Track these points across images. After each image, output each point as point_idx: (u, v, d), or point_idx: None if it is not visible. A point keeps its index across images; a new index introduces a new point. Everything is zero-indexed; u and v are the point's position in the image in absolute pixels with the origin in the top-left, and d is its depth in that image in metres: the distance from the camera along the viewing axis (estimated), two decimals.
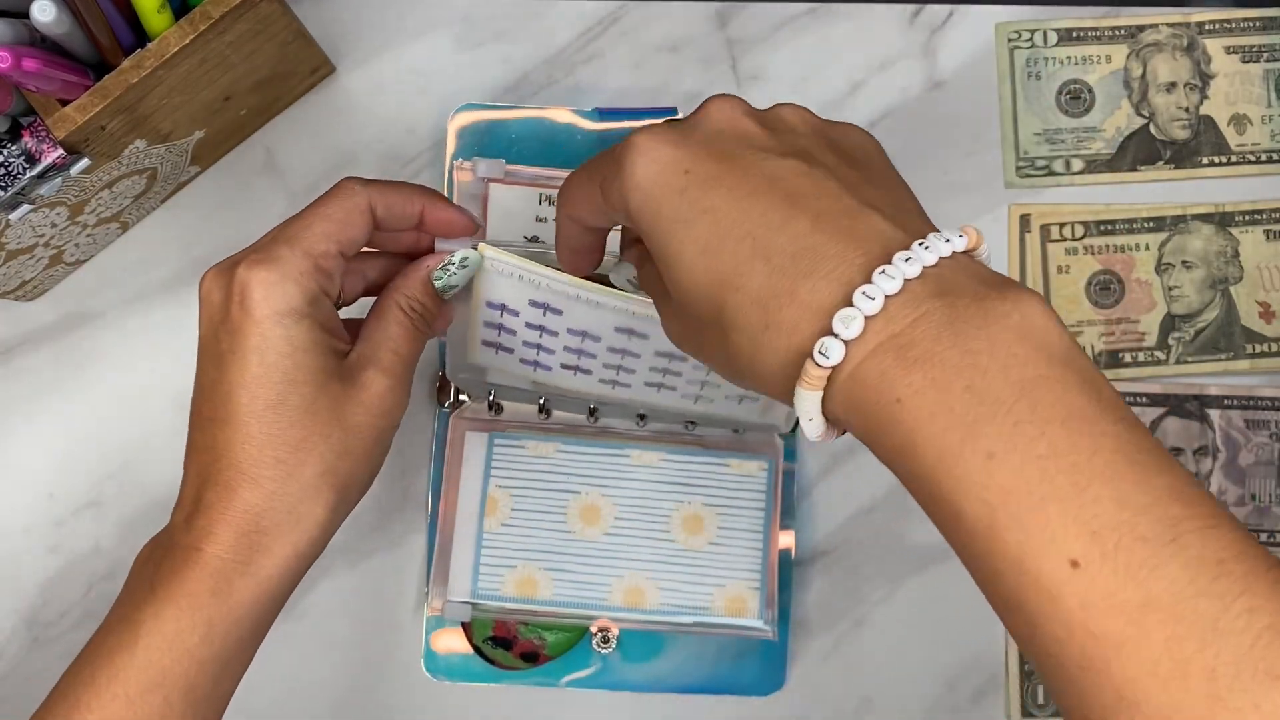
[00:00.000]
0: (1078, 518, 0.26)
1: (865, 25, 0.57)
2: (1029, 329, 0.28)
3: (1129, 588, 0.26)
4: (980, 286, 0.29)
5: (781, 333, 0.30)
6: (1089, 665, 0.26)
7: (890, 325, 0.29)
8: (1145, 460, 0.27)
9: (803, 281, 0.30)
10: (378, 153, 0.56)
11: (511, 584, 0.53)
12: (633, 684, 0.54)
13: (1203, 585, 0.26)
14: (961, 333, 0.28)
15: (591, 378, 0.51)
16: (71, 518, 0.55)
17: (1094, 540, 0.26)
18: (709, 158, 0.33)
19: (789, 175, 0.32)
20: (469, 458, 0.54)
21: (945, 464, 0.28)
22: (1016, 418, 0.27)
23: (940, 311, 0.29)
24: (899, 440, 0.29)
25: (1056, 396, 0.28)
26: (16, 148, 0.46)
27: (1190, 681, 0.25)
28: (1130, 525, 0.26)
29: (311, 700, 0.55)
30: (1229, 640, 0.25)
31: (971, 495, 0.27)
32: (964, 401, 0.28)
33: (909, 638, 0.55)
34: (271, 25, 0.49)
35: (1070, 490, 0.27)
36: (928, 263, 0.29)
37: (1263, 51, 0.57)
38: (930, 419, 0.28)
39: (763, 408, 0.52)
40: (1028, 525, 0.27)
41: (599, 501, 0.53)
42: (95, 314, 0.56)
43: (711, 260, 0.32)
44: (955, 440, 0.28)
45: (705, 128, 0.34)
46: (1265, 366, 0.56)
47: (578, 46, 0.57)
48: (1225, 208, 0.56)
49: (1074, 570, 0.26)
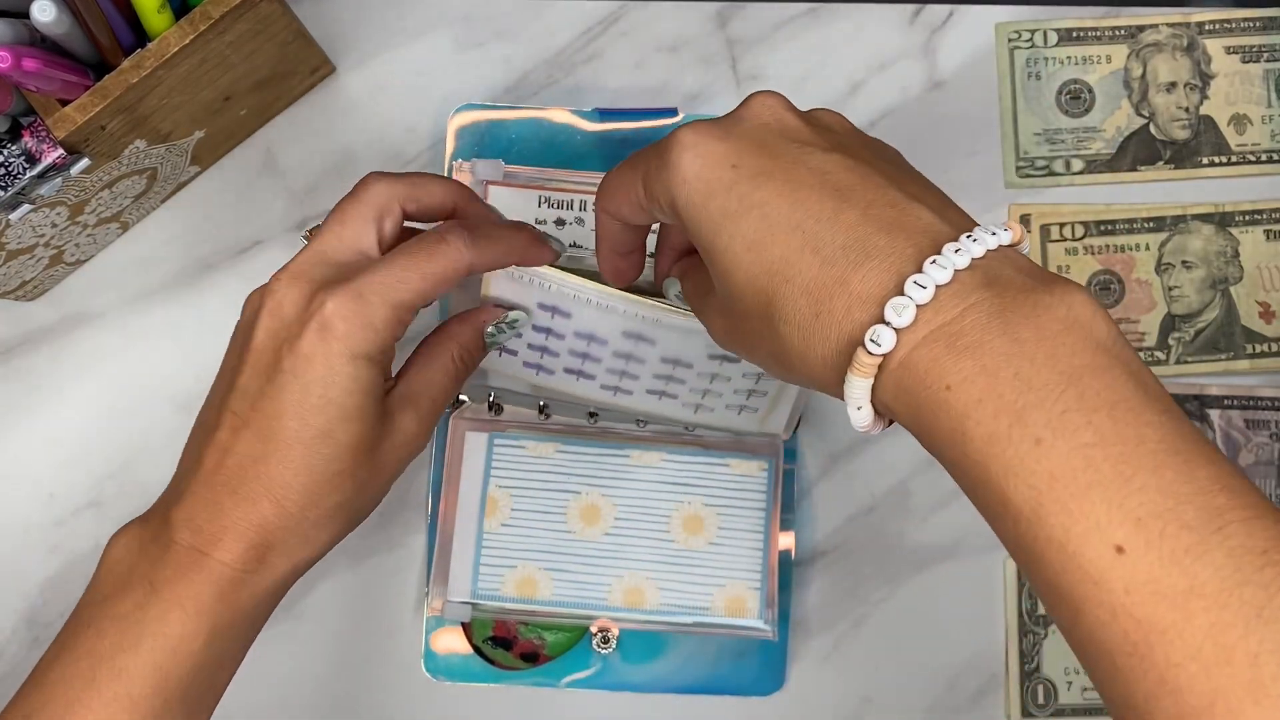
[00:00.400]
0: (1123, 505, 0.27)
1: (865, 25, 0.57)
2: (1075, 320, 0.29)
3: (1173, 574, 0.26)
4: (1026, 279, 0.30)
5: (833, 321, 0.31)
6: (1132, 650, 0.27)
7: (940, 314, 0.30)
8: (1190, 450, 0.28)
9: (854, 271, 0.31)
10: (377, 153, 0.56)
11: (511, 584, 0.53)
12: (633, 684, 0.54)
13: (1247, 574, 0.26)
14: (1010, 322, 0.29)
15: (594, 383, 0.51)
16: (71, 518, 0.55)
17: (1139, 527, 0.27)
18: (756, 152, 0.33)
19: (835, 169, 0.32)
20: (469, 458, 0.54)
21: (994, 449, 0.28)
22: (1064, 406, 0.28)
23: (989, 301, 0.29)
24: (948, 426, 0.29)
25: (1103, 385, 0.28)
26: (16, 148, 0.46)
27: (1233, 668, 0.25)
28: (1175, 513, 0.27)
29: (311, 700, 0.55)
30: (1272, 628, 0.25)
31: (1019, 480, 0.28)
32: (1013, 388, 0.28)
33: (909, 638, 0.55)
34: (271, 25, 0.49)
35: (1115, 478, 0.27)
36: (976, 255, 0.30)
37: (1263, 51, 0.57)
38: (979, 405, 0.29)
39: (761, 418, 0.52)
40: (1073, 511, 0.27)
41: (599, 502, 0.53)
42: (95, 314, 0.56)
43: (761, 253, 0.32)
44: (1004, 426, 0.28)
45: (750, 122, 0.34)
46: (1265, 366, 0.56)
47: (578, 46, 0.57)
48: (1225, 208, 0.56)
49: (1119, 556, 0.27)
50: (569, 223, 0.51)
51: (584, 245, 0.51)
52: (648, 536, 0.53)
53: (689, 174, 0.33)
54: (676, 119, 0.55)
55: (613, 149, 0.55)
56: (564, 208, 0.51)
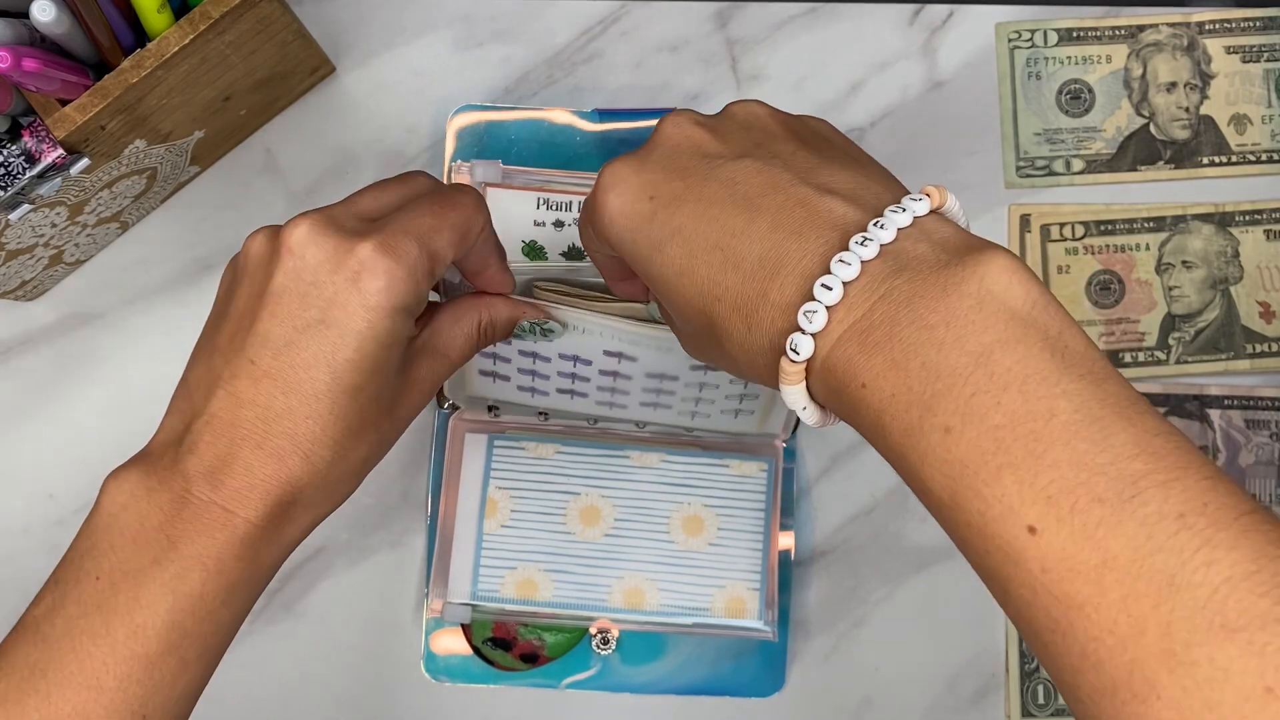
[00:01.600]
0: (1033, 484, 0.27)
1: (865, 25, 0.57)
2: (987, 293, 0.28)
3: (1086, 549, 0.26)
4: (941, 254, 0.30)
5: (762, 333, 0.31)
6: (1054, 627, 0.27)
7: (852, 312, 0.30)
8: (1107, 416, 0.27)
9: (770, 281, 0.31)
10: (377, 153, 0.56)
11: (511, 585, 0.53)
12: (632, 685, 0.54)
13: (1160, 541, 0.26)
14: (918, 309, 0.29)
15: (589, 400, 0.51)
16: (72, 518, 0.55)
17: (1050, 505, 0.26)
18: (669, 178, 0.33)
19: (743, 177, 0.33)
20: (469, 459, 0.54)
21: (909, 441, 0.28)
22: (974, 388, 0.28)
23: (900, 290, 0.29)
24: (869, 421, 0.29)
25: (1014, 360, 0.28)
26: (16, 148, 0.46)
27: (1146, 638, 0.25)
28: (1087, 486, 0.26)
29: (311, 700, 0.55)
30: (1184, 595, 0.25)
31: (934, 470, 0.28)
32: (920, 379, 0.28)
33: (909, 638, 0.55)
34: (271, 25, 0.49)
35: (1026, 457, 0.27)
36: (885, 240, 0.30)
37: (1263, 51, 0.57)
38: (891, 399, 0.29)
39: (759, 419, 0.52)
40: (986, 496, 0.27)
41: (599, 503, 0.53)
42: (95, 314, 0.56)
43: (690, 278, 0.33)
44: (915, 418, 0.28)
45: (663, 147, 0.35)
46: (1265, 366, 0.56)
47: (578, 46, 0.57)
48: (1225, 208, 0.56)
49: (1032, 536, 0.27)
50: (568, 224, 0.51)
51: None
52: (647, 537, 0.53)
53: (614, 213, 0.34)
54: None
55: (612, 149, 0.55)
56: (563, 209, 0.51)
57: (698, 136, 0.34)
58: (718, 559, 0.53)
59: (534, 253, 0.51)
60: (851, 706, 0.54)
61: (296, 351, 0.35)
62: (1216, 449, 0.55)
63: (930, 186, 0.31)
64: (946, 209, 0.31)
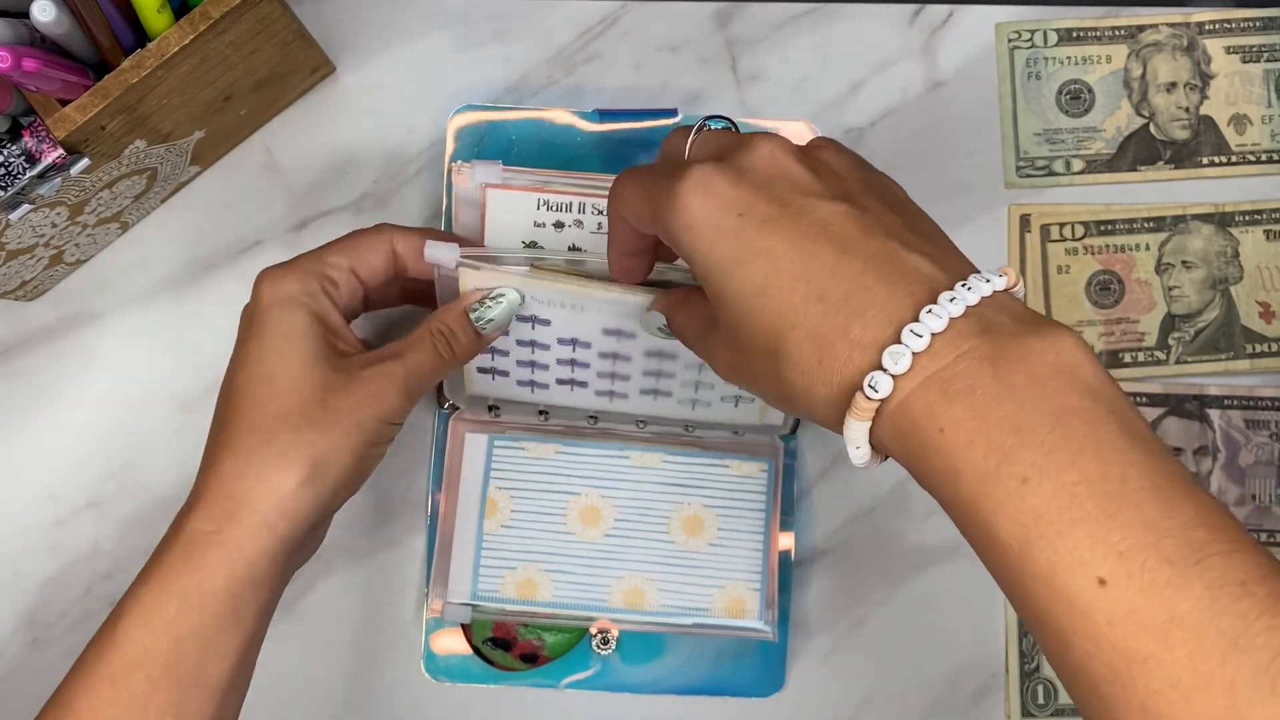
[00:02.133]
0: (1106, 539, 0.28)
1: (865, 25, 0.57)
2: (1063, 364, 0.30)
3: (1154, 606, 0.27)
4: (1018, 324, 0.32)
5: (835, 367, 0.32)
6: (1115, 680, 0.28)
7: (935, 361, 0.31)
8: (1172, 488, 0.29)
9: (855, 320, 0.32)
10: (378, 153, 0.56)
11: (511, 585, 0.53)
12: (632, 685, 0.54)
13: (1225, 605, 0.27)
14: (1000, 367, 0.30)
15: (588, 390, 0.51)
16: (72, 518, 0.55)
17: (1121, 561, 0.28)
18: (762, 201, 0.34)
19: (838, 220, 0.34)
20: (469, 459, 0.54)
21: (983, 487, 0.30)
22: (1050, 446, 0.29)
23: (982, 348, 0.31)
24: (941, 466, 0.31)
25: (1089, 427, 0.30)
26: (16, 148, 0.46)
27: (1211, 695, 0.27)
28: (1156, 548, 0.28)
29: (311, 700, 0.55)
30: (1249, 657, 0.27)
31: (1007, 517, 0.29)
32: (1001, 430, 0.30)
33: (909, 638, 0.55)
34: (271, 25, 0.49)
35: (1099, 514, 0.28)
36: (970, 302, 0.32)
37: (1263, 51, 0.57)
38: (969, 446, 0.30)
39: (761, 409, 0.52)
40: (1058, 546, 0.29)
41: (599, 503, 0.53)
42: (95, 314, 0.56)
43: (767, 300, 0.33)
44: (992, 465, 0.30)
45: (757, 169, 0.35)
46: (1265, 366, 0.56)
47: (578, 47, 0.57)
48: (1225, 208, 0.56)
49: (1102, 588, 0.28)
50: (568, 225, 0.51)
51: (583, 248, 0.51)
52: (647, 538, 0.53)
53: (696, 219, 0.35)
54: (676, 119, 0.55)
55: (612, 150, 0.55)
56: (563, 210, 0.51)
57: (795, 170, 0.35)
58: (718, 559, 0.53)
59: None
60: (851, 706, 0.54)
61: (229, 371, 0.43)
62: (1216, 449, 0.55)
63: (1008, 268, 0.33)
64: (1016, 291, 0.34)
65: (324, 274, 0.43)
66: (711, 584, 0.53)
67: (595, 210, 0.51)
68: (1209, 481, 0.55)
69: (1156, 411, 0.55)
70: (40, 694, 0.56)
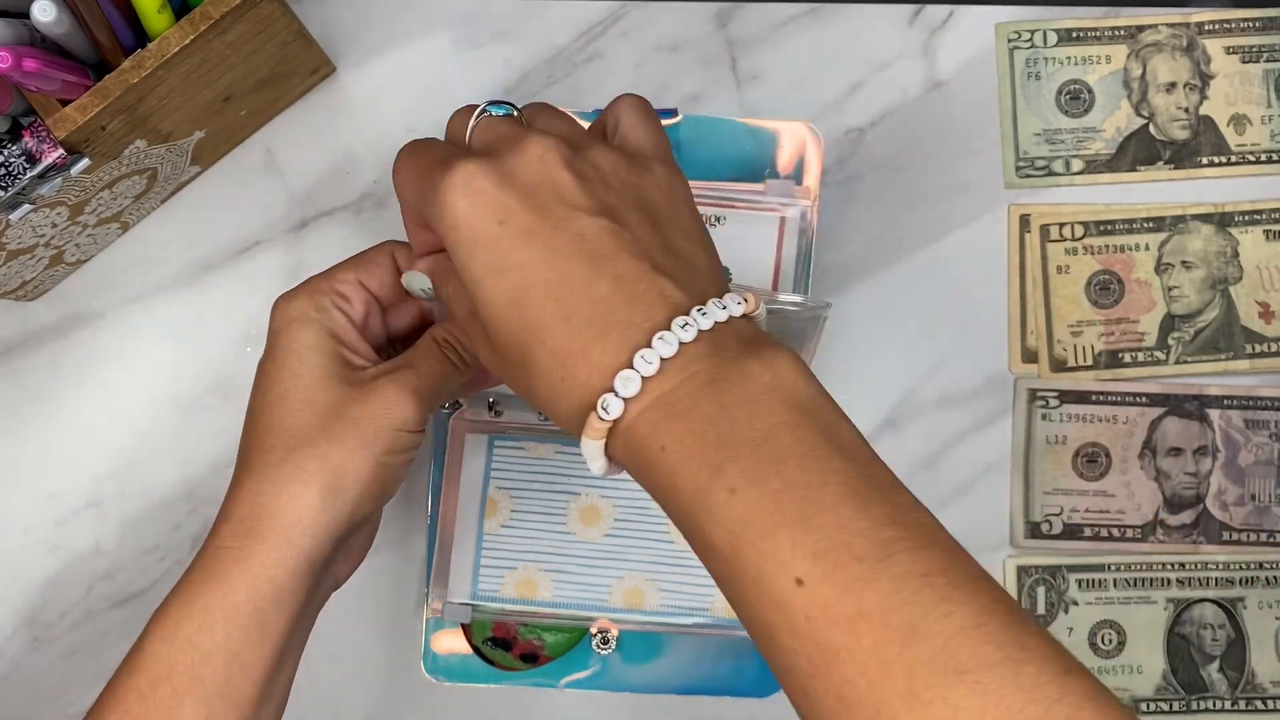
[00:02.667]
0: (803, 541, 0.30)
1: (865, 25, 0.57)
2: (778, 384, 0.33)
3: (844, 601, 0.29)
4: (742, 347, 0.34)
5: (575, 385, 0.34)
6: (815, 672, 0.30)
7: (663, 384, 0.33)
8: (869, 491, 0.31)
9: (595, 343, 0.34)
10: (378, 153, 0.56)
11: (511, 585, 0.53)
12: (632, 685, 0.54)
13: (906, 595, 0.29)
14: (720, 389, 0.33)
15: None
16: (71, 518, 0.55)
17: (816, 560, 0.30)
18: (524, 209, 0.35)
19: (596, 235, 0.35)
20: (469, 459, 0.54)
21: (698, 499, 0.32)
22: (758, 459, 0.31)
23: (706, 372, 0.33)
24: (663, 482, 0.33)
25: (795, 439, 0.32)
26: (17, 148, 0.46)
27: (893, 681, 0.29)
28: (848, 547, 0.30)
29: (311, 700, 0.55)
30: (925, 643, 0.29)
31: (718, 525, 0.32)
32: (715, 446, 0.32)
33: None
34: (272, 25, 0.49)
35: (798, 518, 0.30)
36: (704, 327, 0.33)
37: (1262, 51, 0.57)
38: (686, 462, 0.32)
39: None
40: (763, 549, 0.31)
41: (599, 503, 0.54)
42: (95, 314, 0.56)
43: (520, 311, 0.35)
44: (705, 478, 0.32)
45: (523, 174, 0.36)
46: (1265, 366, 0.56)
47: (578, 47, 0.57)
48: (1225, 208, 0.56)
49: (799, 587, 0.30)
50: None
51: None
52: (647, 537, 0.53)
53: (459, 218, 0.36)
54: (676, 120, 0.55)
55: None
56: None
57: (562, 178, 0.36)
58: None
59: None
60: None
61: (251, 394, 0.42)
62: (1216, 449, 0.55)
63: (749, 293, 0.35)
64: (757, 316, 0.35)
65: (332, 288, 0.44)
66: (711, 584, 0.53)
67: None
68: (1209, 481, 0.55)
69: (1156, 411, 0.55)
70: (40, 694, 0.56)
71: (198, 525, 0.55)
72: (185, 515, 0.55)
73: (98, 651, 0.55)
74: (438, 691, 0.54)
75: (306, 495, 0.40)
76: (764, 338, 0.35)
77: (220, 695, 0.38)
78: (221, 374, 0.56)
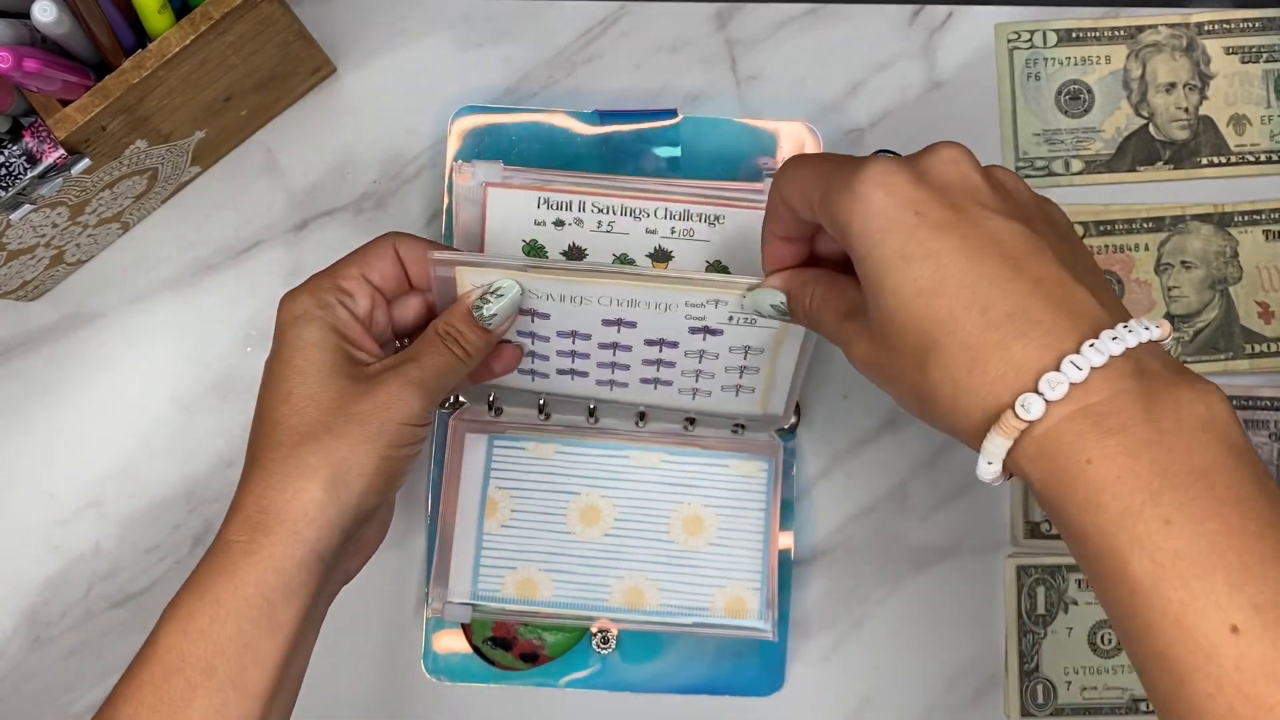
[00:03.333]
0: (1243, 589, 0.30)
1: (865, 25, 0.57)
2: (1213, 420, 0.32)
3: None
4: (1171, 373, 0.33)
5: (986, 381, 0.33)
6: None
7: (1091, 395, 0.32)
8: None
9: (1016, 339, 0.33)
10: (378, 153, 0.56)
11: (511, 585, 0.53)
12: (632, 684, 0.54)
13: None
14: (1154, 412, 0.32)
15: (589, 380, 0.51)
16: (71, 518, 0.55)
17: (1256, 612, 0.29)
18: (941, 205, 0.35)
19: (1012, 238, 0.34)
20: (469, 459, 0.54)
21: (1125, 522, 0.31)
22: (1195, 494, 0.31)
23: (1137, 390, 0.32)
24: (1083, 496, 0.32)
25: (1231, 483, 0.31)
26: (17, 148, 0.46)
27: None
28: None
29: (312, 700, 0.55)
30: None
31: (1144, 554, 0.31)
32: (1150, 471, 0.31)
33: (909, 638, 0.55)
34: (272, 26, 0.49)
35: (1238, 565, 0.30)
36: (1129, 344, 0.33)
37: (1262, 52, 0.57)
38: (1116, 480, 0.31)
39: (761, 399, 0.52)
40: (1194, 588, 0.30)
41: (599, 503, 0.54)
42: (96, 314, 0.56)
43: (930, 301, 0.34)
44: (1137, 502, 0.31)
45: (939, 175, 0.36)
46: (1264, 366, 0.56)
47: (578, 47, 0.57)
48: (1224, 208, 0.56)
49: (1233, 635, 0.29)
50: (568, 224, 0.51)
51: (584, 247, 0.51)
52: (647, 537, 0.53)
53: (875, 208, 0.35)
54: (676, 120, 0.55)
55: (613, 150, 0.55)
56: (563, 209, 0.51)
57: (975, 180, 0.36)
58: (718, 559, 0.53)
59: (534, 252, 0.52)
60: (851, 706, 0.54)
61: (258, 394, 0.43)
62: None
63: (1163, 321, 0.34)
64: (1166, 343, 0.35)
65: (335, 284, 0.44)
66: (711, 583, 0.53)
67: (595, 209, 0.51)
68: None
69: None
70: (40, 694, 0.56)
71: (198, 525, 0.55)
72: (185, 515, 0.55)
73: (98, 651, 0.55)
74: (438, 691, 0.54)
75: (311, 490, 0.40)
76: (1185, 368, 0.34)
77: (233, 686, 0.39)
78: (221, 374, 0.56)
